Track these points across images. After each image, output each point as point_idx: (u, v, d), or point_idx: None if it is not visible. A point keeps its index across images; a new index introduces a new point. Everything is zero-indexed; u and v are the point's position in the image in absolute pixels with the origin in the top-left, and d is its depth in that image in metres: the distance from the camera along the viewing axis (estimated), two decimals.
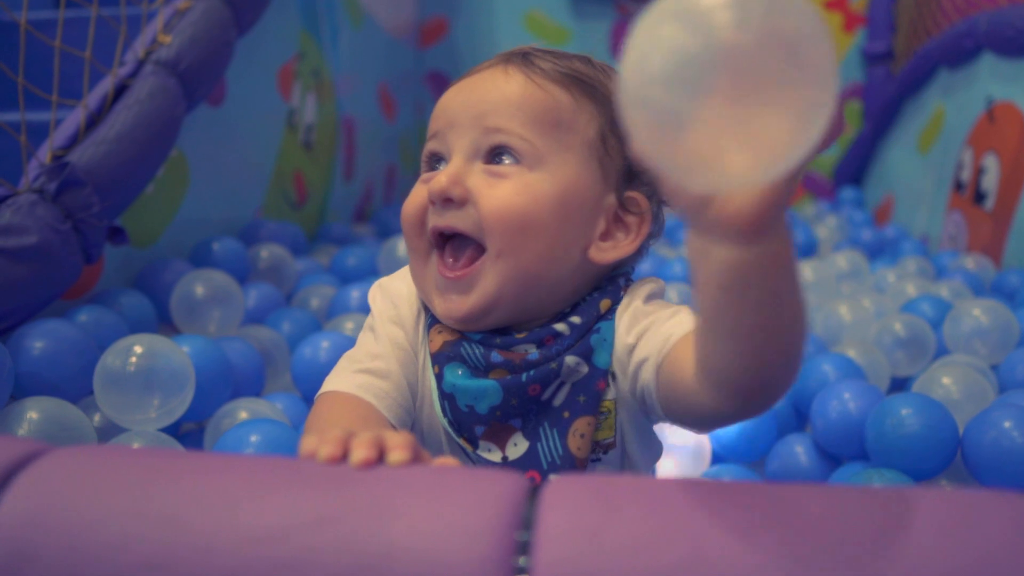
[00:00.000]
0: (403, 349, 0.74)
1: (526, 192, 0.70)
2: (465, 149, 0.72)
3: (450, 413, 0.72)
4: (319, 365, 1.17)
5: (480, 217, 0.70)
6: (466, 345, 0.72)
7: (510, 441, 0.72)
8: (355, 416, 0.67)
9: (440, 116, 0.74)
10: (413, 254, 0.74)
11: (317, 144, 2.23)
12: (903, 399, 1.08)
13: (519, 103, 0.71)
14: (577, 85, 0.73)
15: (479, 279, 0.70)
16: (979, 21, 2.31)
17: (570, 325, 0.72)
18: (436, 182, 0.70)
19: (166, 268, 1.38)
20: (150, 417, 0.97)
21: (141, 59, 1.40)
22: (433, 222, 0.72)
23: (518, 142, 0.70)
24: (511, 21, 3.30)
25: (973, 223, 2.28)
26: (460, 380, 0.71)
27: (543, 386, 0.71)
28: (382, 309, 0.76)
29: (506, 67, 0.73)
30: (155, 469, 0.46)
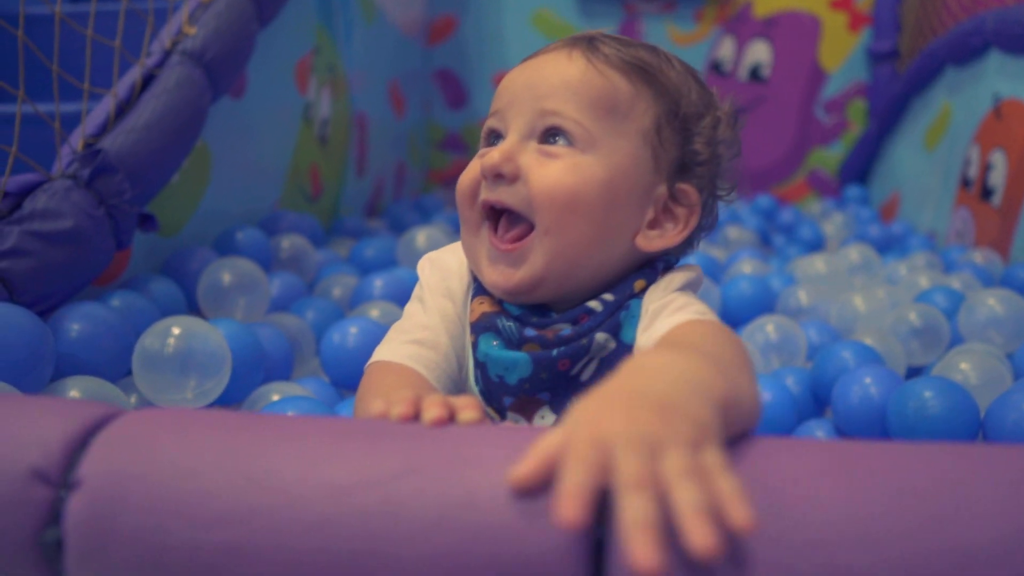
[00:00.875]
0: (452, 321, 0.76)
1: (576, 172, 0.71)
2: (521, 128, 0.73)
3: (481, 382, 0.74)
4: (348, 351, 1.19)
5: (529, 194, 0.71)
6: (502, 318, 0.74)
7: (537, 414, 0.73)
8: (407, 384, 0.69)
9: (502, 94, 0.76)
10: (465, 225, 0.76)
11: (332, 139, 2.25)
12: (925, 382, 1.09)
13: (577, 87, 0.72)
14: (638, 73, 0.75)
15: (528, 254, 0.72)
16: (986, 19, 2.34)
17: (603, 302, 0.74)
18: (489, 158, 0.72)
19: (192, 256, 1.39)
20: (186, 398, 0.99)
21: (168, 49, 1.42)
22: (484, 195, 0.74)
23: (572, 125, 0.72)
24: (519, 20, 3.32)
25: (980, 219, 2.30)
26: (493, 350, 0.73)
27: (573, 361, 0.72)
28: (432, 281, 0.78)
29: (570, 51, 0.75)
30: (234, 427, 0.48)
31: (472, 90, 3.38)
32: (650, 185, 0.74)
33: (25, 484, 0.47)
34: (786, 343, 1.43)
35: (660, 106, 0.75)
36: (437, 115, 3.40)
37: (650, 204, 0.75)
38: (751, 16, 3.28)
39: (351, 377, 1.20)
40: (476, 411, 0.51)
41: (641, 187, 0.74)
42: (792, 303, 1.65)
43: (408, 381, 0.70)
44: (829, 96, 3.30)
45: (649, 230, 0.75)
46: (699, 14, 3.28)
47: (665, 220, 0.76)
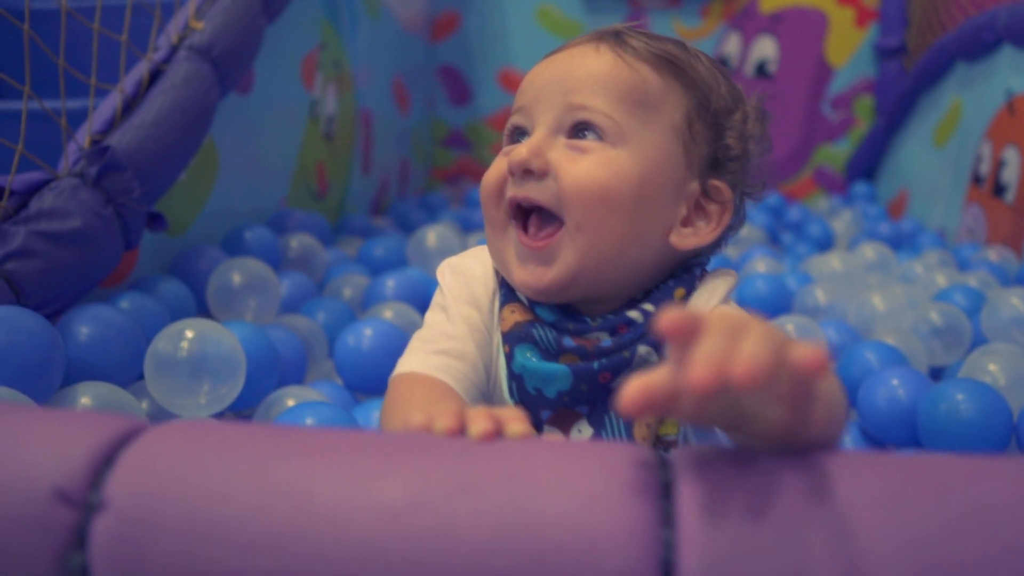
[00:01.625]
0: (478, 329, 0.73)
1: (607, 167, 0.69)
2: (548, 123, 0.71)
3: (517, 395, 0.71)
4: (362, 353, 1.16)
5: (559, 190, 0.69)
6: (538, 327, 0.71)
7: (575, 427, 0.71)
8: (436, 396, 0.66)
9: (526, 90, 0.74)
10: (490, 225, 0.74)
11: (338, 136, 2.22)
12: (956, 384, 1.07)
13: (606, 81, 0.70)
14: (668, 67, 0.72)
15: (559, 251, 0.70)
16: (999, 14, 2.31)
17: (643, 313, 0.71)
18: (516, 153, 0.70)
19: (200, 256, 1.36)
20: (200, 403, 0.96)
21: (175, 44, 1.39)
22: (512, 193, 0.71)
23: (602, 119, 0.70)
24: (523, 15, 3.29)
25: (993, 216, 2.27)
26: (530, 362, 0.70)
27: (614, 374, 0.70)
28: (454, 288, 0.75)
29: (598, 44, 0.73)
30: (273, 443, 0.45)
31: (475, 87, 3.35)
32: (682, 181, 0.72)
33: (47, 506, 0.44)
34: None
35: (690, 100, 0.73)
36: (441, 112, 3.37)
37: (682, 201, 0.73)
38: (757, 12, 3.25)
39: (366, 381, 1.17)
40: (524, 423, 0.48)
41: (673, 183, 0.72)
42: (809, 302, 1.62)
43: (438, 393, 0.67)
44: (836, 92, 3.27)
45: (682, 227, 0.73)
46: (705, 10, 3.25)
47: (697, 218, 0.73)
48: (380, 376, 1.17)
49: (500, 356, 0.73)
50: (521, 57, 3.30)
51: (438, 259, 1.70)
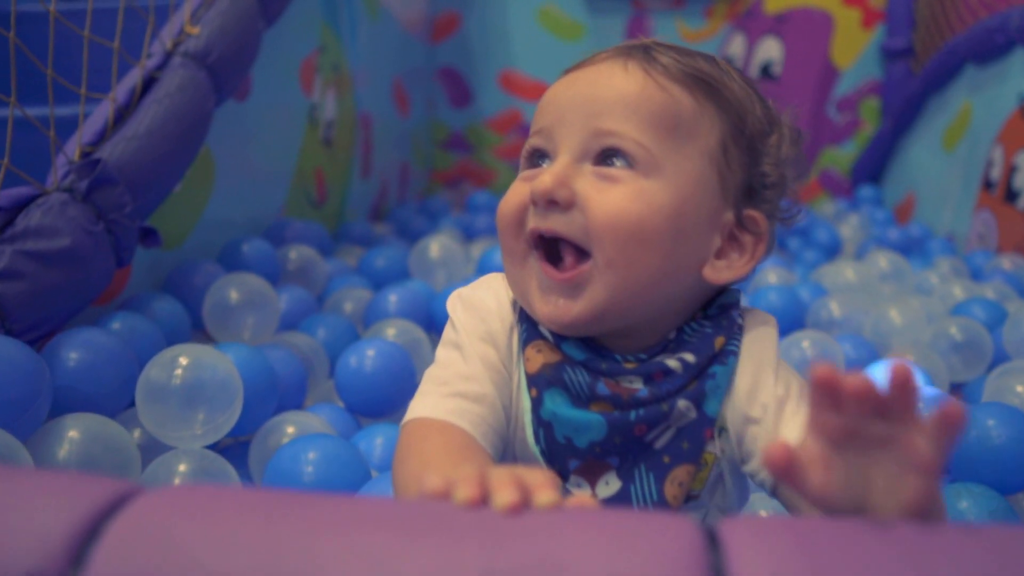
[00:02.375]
0: (495, 369, 0.67)
1: (640, 199, 0.64)
2: (573, 149, 0.66)
3: (544, 442, 0.66)
4: (365, 375, 1.11)
5: (588, 223, 0.64)
6: (569, 370, 0.66)
7: (602, 479, 0.66)
8: (453, 448, 0.61)
9: (548, 110, 0.69)
10: (509, 255, 0.68)
11: (337, 141, 2.17)
12: (986, 409, 1.02)
13: (636, 104, 0.65)
14: (700, 86, 0.67)
15: (587, 284, 0.65)
16: (1011, 16, 2.26)
17: (683, 363, 0.66)
18: (540, 182, 0.64)
19: (196, 271, 1.31)
20: (195, 433, 0.91)
21: (169, 51, 1.34)
22: (534, 224, 0.66)
23: (632, 147, 0.64)
24: (524, 16, 3.24)
25: (1004, 222, 2.23)
26: (562, 409, 0.65)
27: (650, 427, 0.65)
28: (468, 324, 0.69)
29: (626, 62, 0.67)
30: (280, 515, 0.40)
31: (476, 88, 3.30)
32: (717, 211, 0.67)
33: None
34: (823, 359, 1.35)
35: (725, 123, 0.68)
36: (441, 114, 3.32)
37: (716, 232, 0.68)
38: (762, 12, 3.20)
39: (368, 403, 1.12)
40: (554, 490, 0.43)
41: (708, 214, 0.67)
42: (824, 315, 1.57)
43: (455, 444, 0.62)
44: (841, 94, 3.23)
45: (716, 260, 0.68)
46: (709, 10, 3.20)
47: (731, 249, 0.68)
48: (383, 399, 1.13)
49: (523, 397, 0.68)
50: (522, 58, 3.25)
51: (441, 270, 1.68)
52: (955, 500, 0.95)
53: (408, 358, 1.14)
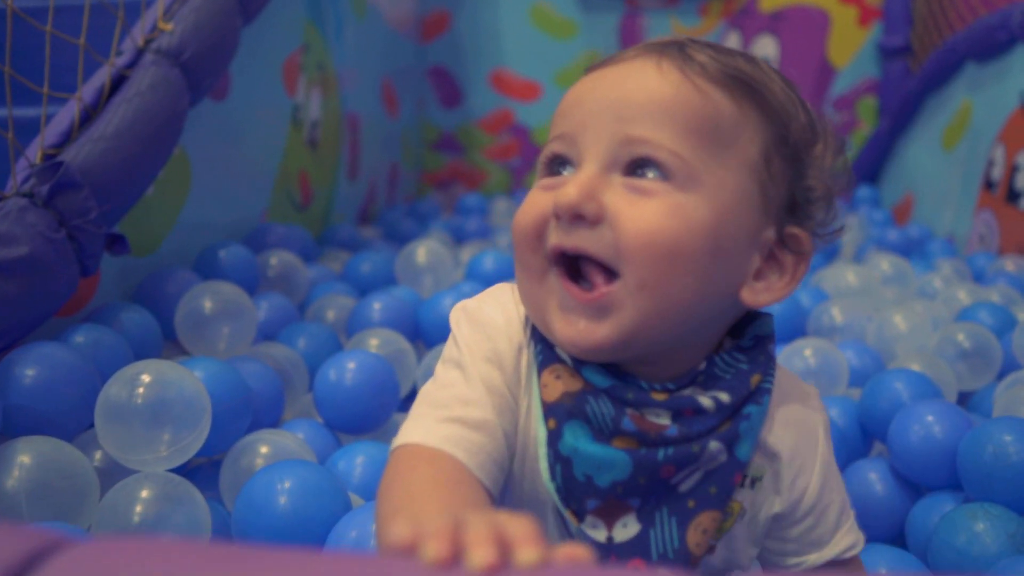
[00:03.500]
0: (499, 393, 0.61)
1: (677, 215, 0.57)
2: (600, 157, 0.59)
3: (560, 479, 0.60)
4: (345, 390, 1.05)
5: (618, 241, 0.57)
6: (592, 401, 0.60)
7: (620, 521, 0.60)
8: (443, 480, 0.55)
9: (571, 113, 0.62)
10: (525, 271, 0.62)
11: (322, 142, 2.11)
12: (1003, 424, 0.97)
13: (671, 108, 0.59)
14: (741, 89, 0.61)
15: (615, 307, 0.58)
16: (1013, 13, 2.22)
17: (717, 402, 0.61)
18: (564, 194, 0.58)
19: (169, 278, 1.25)
20: (160, 456, 0.85)
21: (140, 48, 1.27)
22: (557, 240, 0.59)
23: (667, 156, 0.58)
24: (516, 14, 3.18)
25: (1006, 223, 2.18)
26: (584, 444, 0.59)
27: (678, 468, 0.60)
28: (473, 342, 0.63)
29: (659, 60, 0.61)
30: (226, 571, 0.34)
31: (467, 88, 3.24)
32: (758, 229, 0.61)
33: None
34: (826, 369, 1.30)
35: (768, 131, 0.61)
36: (431, 114, 3.26)
37: (756, 251, 0.61)
38: (757, 10, 3.15)
39: (349, 420, 1.06)
40: (539, 545, 0.37)
41: (748, 231, 0.60)
42: (825, 321, 1.52)
43: (443, 479, 0.55)
44: (838, 93, 3.18)
45: (755, 281, 0.62)
46: (704, 8, 3.14)
47: (770, 270, 0.62)
48: (364, 415, 1.07)
49: (536, 427, 0.61)
50: (514, 57, 3.20)
51: (428, 276, 1.61)
52: (971, 522, 0.90)
53: (391, 371, 1.08)
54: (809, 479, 0.65)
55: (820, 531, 0.67)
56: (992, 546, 0.88)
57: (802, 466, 0.65)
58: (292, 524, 0.78)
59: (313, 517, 0.78)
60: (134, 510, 0.80)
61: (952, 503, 0.99)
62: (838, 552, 0.67)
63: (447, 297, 1.37)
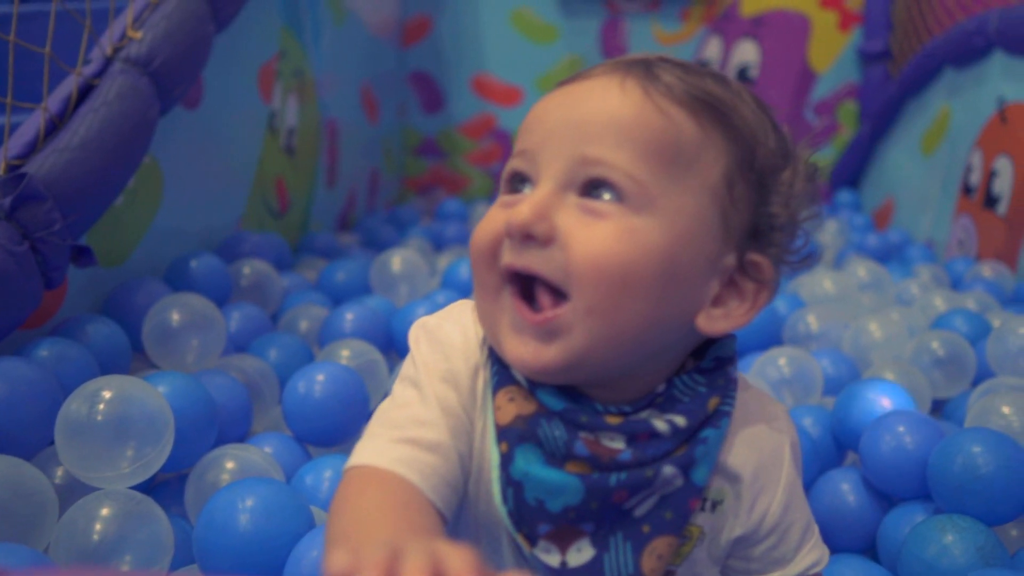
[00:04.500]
0: (455, 415, 0.60)
1: (629, 239, 0.56)
2: (557, 176, 0.58)
3: (512, 503, 0.59)
4: (314, 402, 1.04)
5: (568, 263, 0.56)
6: (545, 424, 0.59)
7: (574, 546, 0.59)
8: (392, 504, 0.54)
9: (532, 129, 0.61)
10: (481, 288, 0.61)
11: (300, 148, 2.09)
12: (972, 436, 0.97)
13: (631, 130, 0.57)
14: (707, 111, 0.59)
15: (564, 331, 0.57)
16: (990, 19, 2.23)
17: (672, 426, 0.60)
18: (517, 213, 0.57)
19: (139, 290, 1.24)
20: (122, 473, 0.84)
21: (109, 57, 1.26)
22: (508, 260, 0.58)
23: (623, 179, 0.57)
24: (497, 19, 3.17)
25: (984, 228, 2.19)
26: (535, 469, 0.58)
27: (631, 494, 0.59)
28: (430, 362, 0.62)
29: (623, 79, 0.59)
30: None
31: (449, 93, 3.23)
32: (717, 254, 0.59)
33: None
34: (800, 377, 1.30)
35: (732, 155, 0.59)
36: (412, 120, 3.25)
37: (715, 277, 0.60)
38: (738, 15, 3.15)
39: (318, 433, 1.05)
40: None
41: (706, 257, 0.59)
42: (801, 328, 1.52)
43: (396, 499, 0.54)
44: (819, 98, 3.19)
45: (713, 308, 0.60)
46: (685, 13, 3.15)
47: (730, 296, 0.61)
48: (333, 427, 1.05)
49: (491, 450, 0.60)
50: (495, 62, 3.19)
51: (403, 285, 1.61)
52: (940, 535, 0.89)
53: (361, 383, 1.07)
54: (771, 500, 0.65)
55: (783, 550, 0.66)
56: (961, 559, 0.88)
57: (763, 487, 0.65)
58: (253, 543, 0.77)
59: (275, 536, 0.77)
60: (93, 528, 0.79)
61: (923, 514, 0.99)
62: (801, 570, 0.67)
63: (421, 307, 1.36)
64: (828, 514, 1.07)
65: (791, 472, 0.66)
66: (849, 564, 0.92)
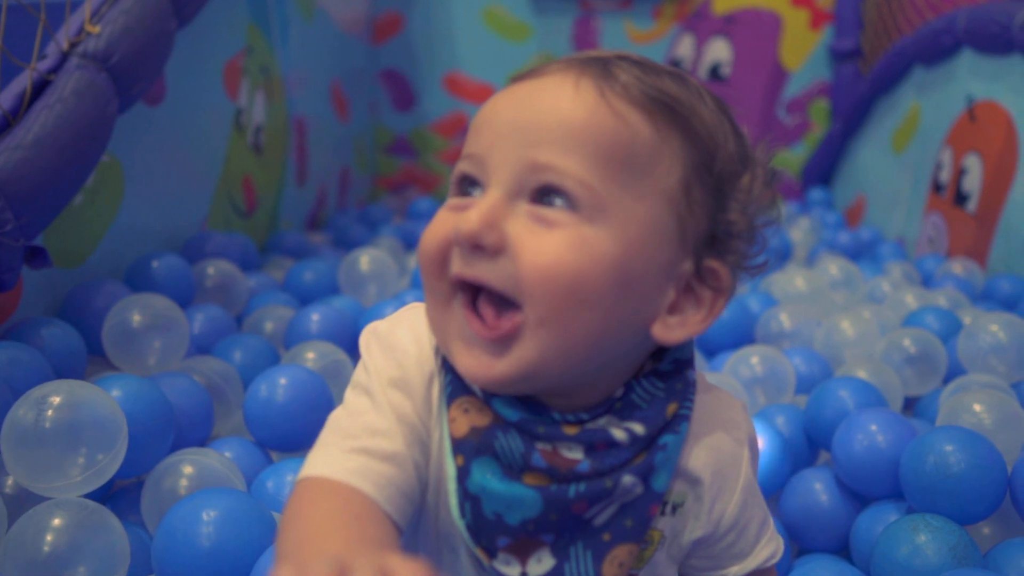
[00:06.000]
0: (410, 424, 0.58)
1: (581, 249, 0.54)
2: (506, 182, 0.55)
3: (470, 516, 0.57)
4: (276, 407, 1.02)
5: (518, 273, 0.54)
6: (501, 436, 0.56)
7: (534, 556, 0.57)
8: (345, 516, 0.52)
9: (482, 132, 0.58)
10: (431, 296, 0.58)
11: (267, 146, 2.06)
12: (945, 434, 0.96)
13: (583, 134, 0.54)
14: (664, 113, 0.56)
15: (515, 341, 0.55)
16: (958, 17, 2.24)
17: (630, 434, 0.58)
18: (465, 221, 0.54)
19: (98, 292, 1.20)
20: (74, 481, 0.81)
21: (65, 52, 1.23)
22: (458, 269, 0.56)
23: (575, 186, 0.54)
24: (469, 17, 3.15)
25: (954, 225, 2.20)
26: (492, 483, 0.56)
27: (590, 504, 0.57)
28: (383, 368, 0.59)
29: (578, 79, 0.56)
30: None
31: (420, 91, 3.20)
32: (673, 262, 0.57)
33: None
34: (773, 376, 1.29)
35: (691, 159, 0.57)
36: (384, 118, 3.21)
37: (671, 284, 0.58)
38: (710, 13, 3.15)
39: (279, 437, 1.03)
40: None
41: (661, 264, 0.57)
42: (774, 327, 1.51)
43: (349, 514, 0.52)
44: (791, 96, 3.20)
45: (668, 316, 0.58)
46: (657, 11, 3.14)
47: (686, 303, 0.59)
48: (296, 432, 1.03)
49: (447, 462, 0.58)
50: (468, 60, 3.17)
51: (372, 284, 1.58)
52: (913, 534, 0.89)
53: (324, 386, 1.05)
54: (729, 501, 0.64)
55: (741, 545, 0.66)
56: (934, 558, 0.87)
57: (722, 489, 0.64)
58: (215, 556, 0.74)
59: (237, 549, 0.74)
60: (44, 540, 0.76)
61: (896, 513, 0.99)
62: (759, 563, 0.67)
63: (390, 307, 1.33)
64: (801, 514, 1.06)
65: (748, 472, 0.65)
66: (822, 564, 0.91)
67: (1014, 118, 1.97)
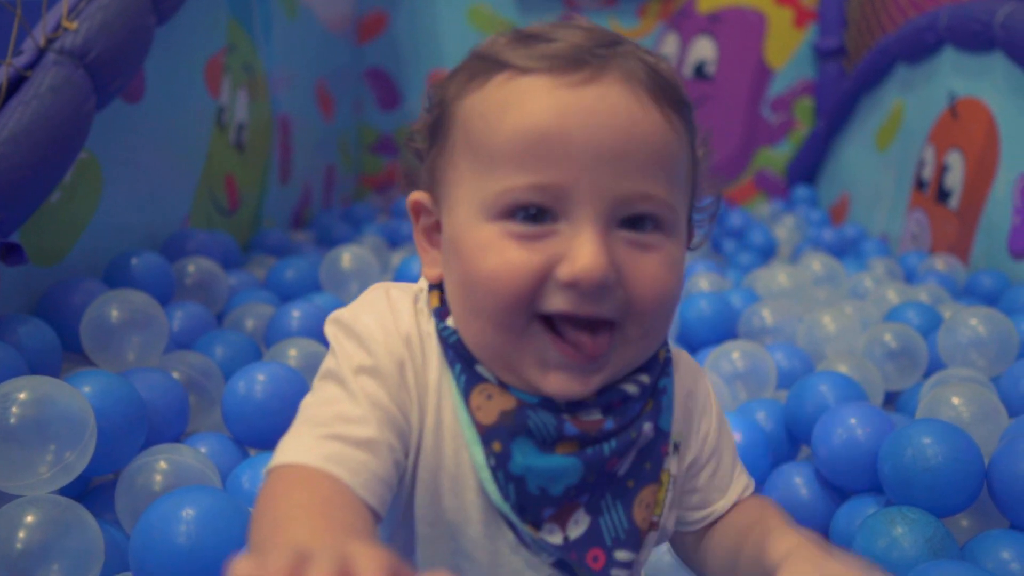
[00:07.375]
0: (384, 409, 0.57)
1: (673, 267, 0.59)
2: (601, 215, 0.55)
3: (515, 497, 0.58)
4: (255, 403, 1.01)
5: (629, 300, 0.57)
6: (532, 415, 0.58)
7: (572, 519, 0.60)
8: (318, 504, 0.51)
9: (553, 159, 0.55)
10: (501, 329, 0.57)
11: (250, 144, 2.05)
12: (923, 427, 0.96)
13: (661, 154, 0.57)
14: (684, 110, 0.60)
15: (610, 355, 0.58)
16: (940, 15, 2.25)
17: (640, 385, 0.62)
18: (591, 268, 0.54)
19: (75, 289, 1.19)
20: (42, 478, 0.80)
21: (42, 48, 1.21)
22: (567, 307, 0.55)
23: (663, 210, 0.57)
24: (454, 15, 3.15)
25: (937, 222, 2.21)
26: (535, 460, 0.58)
27: (619, 458, 0.61)
28: (352, 355, 0.59)
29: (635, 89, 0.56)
30: None
31: (406, 90, 3.20)
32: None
33: None
34: (754, 371, 1.29)
35: (690, 147, 0.61)
36: (369, 117, 3.21)
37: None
38: (695, 12, 3.16)
39: (257, 433, 1.02)
40: None
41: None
42: (756, 323, 1.51)
43: (322, 499, 0.51)
44: (775, 94, 3.21)
45: None
46: (642, 9, 3.15)
47: None
48: (274, 428, 1.02)
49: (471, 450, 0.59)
50: (453, 58, 3.09)
51: (354, 282, 1.57)
52: (890, 527, 0.89)
53: (303, 383, 1.04)
54: (711, 421, 0.68)
55: (721, 473, 0.69)
56: (911, 551, 0.87)
57: (703, 409, 0.68)
58: (193, 554, 0.73)
59: (215, 547, 0.73)
60: (17, 537, 0.75)
61: (876, 507, 0.99)
62: (739, 492, 0.70)
63: None
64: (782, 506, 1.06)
65: (715, 398, 0.70)
66: None
67: (995, 115, 1.98)
